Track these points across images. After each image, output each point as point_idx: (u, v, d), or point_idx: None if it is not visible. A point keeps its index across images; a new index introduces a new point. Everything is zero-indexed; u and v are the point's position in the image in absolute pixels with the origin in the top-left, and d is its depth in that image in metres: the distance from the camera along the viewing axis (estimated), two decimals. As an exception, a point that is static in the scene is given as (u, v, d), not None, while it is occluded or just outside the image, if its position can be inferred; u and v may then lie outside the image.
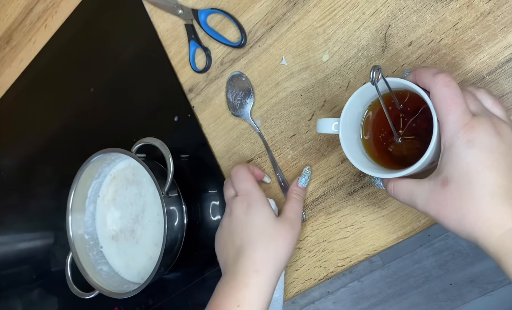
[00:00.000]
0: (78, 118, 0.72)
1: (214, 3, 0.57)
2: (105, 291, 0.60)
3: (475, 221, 0.33)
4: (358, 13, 0.49)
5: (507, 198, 0.32)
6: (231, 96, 0.56)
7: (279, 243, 0.45)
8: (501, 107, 0.37)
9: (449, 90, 0.34)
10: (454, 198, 0.34)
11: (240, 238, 0.46)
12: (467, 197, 0.33)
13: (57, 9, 0.75)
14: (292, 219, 0.47)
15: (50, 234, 0.75)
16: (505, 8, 0.42)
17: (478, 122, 0.34)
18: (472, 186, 0.33)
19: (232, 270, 0.45)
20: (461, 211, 0.33)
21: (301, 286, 0.53)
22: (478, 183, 0.33)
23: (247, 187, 0.48)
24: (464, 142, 0.33)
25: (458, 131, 0.34)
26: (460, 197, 0.33)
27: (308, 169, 0.51)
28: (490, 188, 0.32)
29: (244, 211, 0.46)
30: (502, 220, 0.32)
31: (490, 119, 0.34)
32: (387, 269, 1.35)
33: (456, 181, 0.34)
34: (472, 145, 0.33)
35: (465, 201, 0.33)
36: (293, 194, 0.50)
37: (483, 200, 0.33)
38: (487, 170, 0.33)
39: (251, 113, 0.56)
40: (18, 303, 0.79)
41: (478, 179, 0.33)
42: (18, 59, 0.80)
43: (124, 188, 0.64)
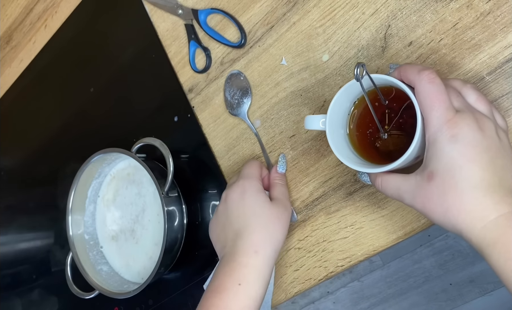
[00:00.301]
0: (78, 118, 0.72)
1: (214, 3, 0.57)
2: (105, 291, 0.60)
3: (458, 214, 0.34)
4: (358, 13, 0.49)
5: (489, 190, 0.33)
6: (229, 94, 0.56)
7: (275, 225, 0.47)
8: (484, 103, 0.37)
9: (433, 87, 0.35)
10: (438, 192, 0.35)
11: (238, 222, 0.47)
12: (450, 190, 0.34)
13: (57, 9, 0.75)
14: (283, 202, 0.49)
15: (50, 234, 0.75)
16: (505, 8, 0.42)
17: (461, 118, 0.34)
18: (455, 180, 0.34)
19: (231, 252, 0.46)
20: (446, 204, 0.34)
21: (301, 286, 0.53)
22: (461, 176, 0.34)
23: (249, 173, 0.50)
24: (448, 138, 0.34)
25: (441, 127, 0.34)
26: (444, 190, 0.34)
27: (282, 156, 0.53)
28: (473, 181, 0.33)
29: (239, 195, 0.48)
30: (484, 212, 0.33)
31: (472, 115, 0.35)
32: (387, 269, 1.35)
33: (440, 175, 0.34)
34: (455, 140, 0.34)
35: (449, 194, 0.34)
36: (276, 180, 0.52)
37: (466, 193, 0.34)
38: (470, 163, 0.34)
39: (248, 113, 0.56)
40: (18, 303, 0.79)
41: (461, 172, 0.34)
42: (18, 59, 0.80)
43: (124, 188, 0.64)
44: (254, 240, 0.45)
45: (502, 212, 0.33)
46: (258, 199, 0.48)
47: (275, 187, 0.51)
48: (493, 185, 0.33)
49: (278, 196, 0.50)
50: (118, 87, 0.68)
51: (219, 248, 0.49)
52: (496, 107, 0.40)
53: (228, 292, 0.43)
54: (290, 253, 0.53)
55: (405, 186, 0.38)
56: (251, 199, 0.47)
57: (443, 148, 0.34)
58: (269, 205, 0.48)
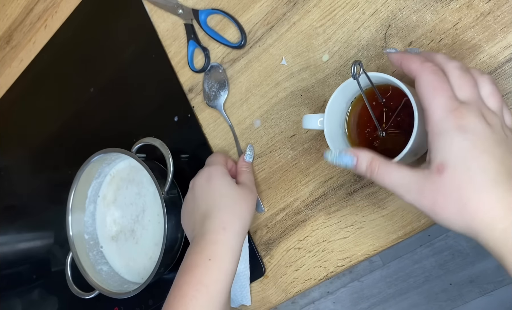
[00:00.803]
0: (78, 118, 0.72)
1: (214, 3, 0.57)
2: (105, 291, 0.60)
3: (476, 212, 0.30)
4: (358, 13, 0.49)
5: (508, 185, 0.30)
6: (207, 86, 0.57)
7: (242, 204, 0.48)
8: (497, 99, 0.35)
9: (436, 77, 0.33)
10: (452, 186, 0.31)
11: (206, 203, 0.48)
12: (467, 184, 0.31)
13: (57, 9, 0.75)
14: (249, 186, 0.51)
15: (50, 234, 0.75)
16: (505, 8, 0.42)
17: (468, 109, 0.32)
18: (472, 172, 0.31)
19: (200, 232, 0.47)
20: (462, 200, 0.31)
21: (301, 286, 0.53)
22: (478, 168, 0.31)
23: (214, 160, 0.52)
24: (455, 127, 0.32)
25: (447, 116, 0.32)
26: (460, 184, 0.31)
27: (250, 146, 0.55)
28: (491, 174, 0.30)
29: (206, 180, 0.50)
30: (505, 210, 0.30)
31: (479, 109, 0.33)
32: (387, 269, 1.35)
33: (453, 166, 0.31)
34: (465, 131, 0.31)
35: (465, 189, 0.31)
36: (243, 167, 0.54)
37: (485, 187, 0.30)
38: (485, 154, 0.31)
39: (224, 106, 0.57)
40: (18, 303, 0.79)
41: (478, 164, 0.31)
42: (18, 59, 0.80)
43: (124, 188, 0.64)
44: (221, 217, 0.47)
45: None
46: (224, 180, 0.49)
47: (242, 173, 0.53)
48: (509, 181, 0.31)
49: (244, 180, 0.52)
50: (118, 87, 0.68)
51: (189, 232, 0.50)
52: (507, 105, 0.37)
53: (199, 268, 0.44)
54: (290, 253, 0.53)
55: (410, 178, 0.33)
56: (217, 181, 0.49)
57: (453, 138, 0.31)
58: (235, 186, 0.49)
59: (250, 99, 0.56)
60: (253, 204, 0.50)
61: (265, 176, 0.55)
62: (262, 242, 0.55)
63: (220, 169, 0.50)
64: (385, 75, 0.38)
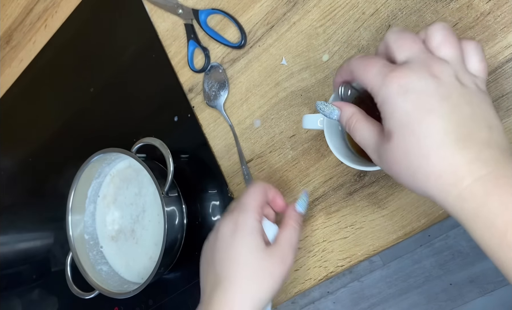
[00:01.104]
0: (78, 118, 0.72)
1: (214, 3, 0.57)
2: (105, 291, 0.60)
3: (427, 178, 0.29)
4: (358, 13, 0.49)
5: (457, 146, 0.28)
6: (207, 86, 0.57)
7: (263, 280, 0.39)
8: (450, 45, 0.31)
9: (364, 58, 0.33)
10: (400, 153, 0.30)
11: (221, 265, 0.40)
12: (413, 150, 0.29)
13: (57, 9, 0.75)
14: (284, 252, 0.41)
15: (50, 234, 0.75)
16: (505, 8, 0.42)
17: (406, 68, 0.30)
18: (416, 137, 0.29)
19: (207, 299, 0.40)
20: (411, 167, 0.30)
21: (301, 286, 0.53)
22: (422, 132, 0.29)
23: (246, 203, 0.42)
24: (395, 90, 0.30)
25: (384, 81, 0.30)
26: (407, 151, 0.30)
27: (305, 194, 0.45)
28: (437, 136, 0.28)
29: (230, 232, 0.41)
30: (456, 175, 0.28)
31: (421, 62, 0.30)
32: (387, 269, 1.35)
33: (397, 132, 0.30)
34: (405, 91, 0.29)
35: (412, 155, 0.29)
36: (290, 220, 0.44)
37: (432, 151, 0.29)
38: (429, 115, 0.29)
39: (224, 106, 0.57)
40: (18, 303, 0.79)
41: (421, 127, 0.29)
42: (18, 59, 0.80)
43: (125, 188, 0.64)
44: (232, 295, 0.38)
45: (477, 174, 0.27)
46: (250, 241, 0.40)
47: (285, 228, 0.43)
48: (462, 139, 0.28)
49: (283, 241, 0.42)
50: (118, 87, 0.68)
51: (201, 284, 0.43)
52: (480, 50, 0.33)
53: None
54: (290, 253, 0.53)
55: (375, 140, 0.33)
56: (241, 241, 0.40)
57: (395, 103, 0.30)
58: (262, 253, 0.40)
59: (250, 99, 0.56)
60: (280, 277, 0.40)
61: (265, 176, 0.55)
62: (262, 242, 0.55)
63: (250, 223, 0.41)
64: None
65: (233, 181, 0.57)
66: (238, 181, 0.57)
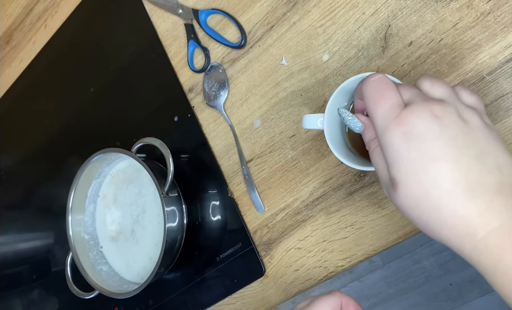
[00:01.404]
0: (78, 118, 0.72)
1: (214, 3, 0.57)
2: (105, 291, 0.60)
3: (440, 229, 0.28)
4: (358, 13, 0.49)
5: (467, 195, 0.27)
6: (207, 86, 0.57)
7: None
8: (440, 85, 0.31)
9: (377, 84, 0.31)
10: (410, 203, 0.29)
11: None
12: (422, 201, 0.28)
13: (57, 9, 0.75)
14: None
15: (50, 234, 0.75)
16: (505, 8, 0.42)
17: (409, 111, 0.29)
18: (424, 187, 0.28)
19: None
20: (423, 217, 0.28)
21: (301, 286, 0.53)
22: (429, 182, 0.27)
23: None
24: (399, 137, 0.28)
25: (388, 127, 0.29)
26: (417, 202, 0.28)
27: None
28: (445, 186, 0.27)
29: None
30: (469, 228, 0.27)
31: (424, 104, 0.29)
32: (387, 269, 1.35)
33: (404, 182, 0.29)
34: (408, 138, 0.28)
35: (422, 206, 0.28)
36: None
37: (441, 204, 0.27)
38: (435, 163, 0.27)
39: (224, 106, 0.57)
40: (18, 303, 0.79)
41: (428, 177, 0.28)
42: (18, 59, 0.80)
43: (125, 188, 0.64)
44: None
45: (491, 226, 0.26)
46: None
47: None
48: (471, 187, 0.27)
49: None
50: (118, 87, 0.68)
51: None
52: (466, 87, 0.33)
53: None
54: (290, 253, 0.53)
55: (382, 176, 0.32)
56: None
57: (398, 151, 0.29)
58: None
59: (250, 99, 0.56)
60: None
61: (265, 176, 0.55)
62: (262, 242, 0.55)
63: None
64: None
65: (233, 181, 0.57)
66: (238, 181, 0.57)
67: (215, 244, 0.58)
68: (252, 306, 0.57)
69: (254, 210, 0.55)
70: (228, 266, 0.57)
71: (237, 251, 0.56)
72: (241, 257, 0.56)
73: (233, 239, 0.57)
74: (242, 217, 0.56)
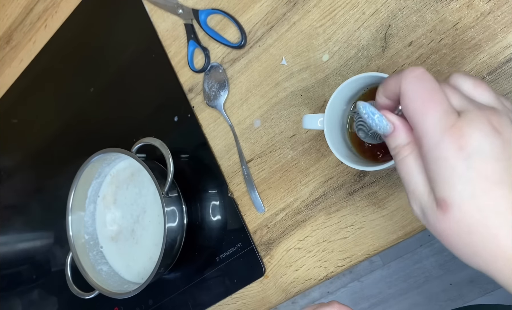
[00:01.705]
0: (78, 118, 0.72)
1: (214, 3, 0.57)
2: (105, 291, 0.60)
3: (493, 260, 0.25)
4: (358, 13, 0.49)
5: None
6: (207, 86, 0.57)
7: None
8: (485, 88, 0.28)
9: (423, 84, 0.26)
10: (461, 229, 0.25)
11: None
12: (478, 228, 0.25)
13: (57, 9, 0.75)
14: None
15: (50, 234, 0.75)
16: (505, 8, 0.42)
17: (467, 121, 0.25)
18: (483, 214, 0.24)
19: None
20: (473, 245, 0.25)
21: (301, 286, 0.53)
22: (490, 210, 0.24)
23: None
24: (455, 152, 0.24)
25: (442, 138, 0.25)
26: (469, 228, 0.25)
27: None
28: (509, 215, 0.24)
29: None
30: None
31: (481, 114, 0.25)
32: (387, 269, 1.35)
33: (458, 206, 0.25)
34: (468, 156, 0.24)
35: (477, 234, 0.25)
36: None
37: (501, 233, 0.24)
38: (497, 188, 0.24)
39: (224, 106, 0.57)
40: (18, 303, 0.79)
41: (489, 203, 0.24)
42: (18, 59, 0.80)
43: (125, 188, 0.64)
44: None
45: None
46: None
47: None
48: None
49: None
50: (118, 87, 0.68)
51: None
52: None
53: None
54: (290, 253, 0.53)
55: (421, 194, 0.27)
56: None
57: (454, 169, 0.25)
58: None
59: (250, 99, 0.56)
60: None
61: (265, 176, 0.55)
62: (262, 242, 0.55)
63: None
64: (386, 75, 0.38)
65: (233, 181, 0.57)
66: (238, 181, 0.57)
67: (215, 244, 0.58)
68: (252, 306, 0.57)
69: (254, 210, 0.55)
70: (228, 266, 0.57)
71: (237, 251, 0.56)
72: (241, 257, 0.56)
73: (233, 239, 0.57)
74: (242, 217, 0.56)
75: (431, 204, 0.26)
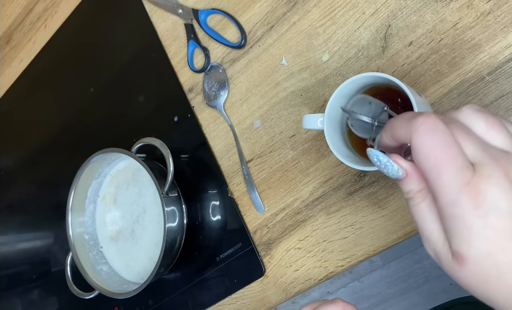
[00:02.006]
0: (78, 118, 0.72)
1: (214, 3, 0.57)
2: (105, 291, 0.60)
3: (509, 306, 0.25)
4: (358, 13, 0.49)
5: None
6: (207, 86, 0.57)
7: None
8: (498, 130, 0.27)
9: (436, 138, 0.25)
10: (477, 281, 0.26)
11: None
12: (493, 281, 0.25)
13: (57, 9, 0.75)
14: None
15: (50, 234, 0.75)
16: (505, 8, 0.42)
17: (483, 177, 0.24)
18: (499, 270, 0.24)
19: None
20: (489, 295, 0.26)
21: (301, 286, 0.53)
22: (507, 265, 0.24)
23: None
24: (472, 210, 0.24)
25: (458, 197, 0.24)
26: (485, 281, 0.25)
27: None
28: None
29: None
30: None
31: (498, 168, 0.25)
32: (387, 269, 1.35)
33: (474, 262, 0.25)
34: (485, 213, 0.24)
35: (491, 285, 0.25)
36: None
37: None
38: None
39: (224, 106, 0.57)
40: (18, 303, 0.79)
41: (506, 259, 0.24)
42: (18, 59, 0.80)
43: (125, 188, 0.64)
44: None
45: None
46: None
47: None
48: None
49: None
50: (118, 87, 0.68)
51: None
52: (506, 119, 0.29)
53: None
54: (290, 253, 0.53)
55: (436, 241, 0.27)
56: None
57: (471, 227, 0.24)
58: None
59: (250, 99, 0.56)
60: None
61: (265, 176, 0.55)
62: (262, 242, 0.55)
63: None
64: (385, 75, 0.38)
65: (233, 181, 0.57)
66: (238, 181, 0.57)
67: (215, 244, 0.58)
68: (252, 306, 0.57)
69: (254, 210, 0.55)
70: (228, 266, 0.57)
71: (237, 251, 0.56)
72: (241, 257, 0.56)
73: (233, 239, 0.57)
74: (242, 217, 0.56)
75: (446, 252, 0.26)
